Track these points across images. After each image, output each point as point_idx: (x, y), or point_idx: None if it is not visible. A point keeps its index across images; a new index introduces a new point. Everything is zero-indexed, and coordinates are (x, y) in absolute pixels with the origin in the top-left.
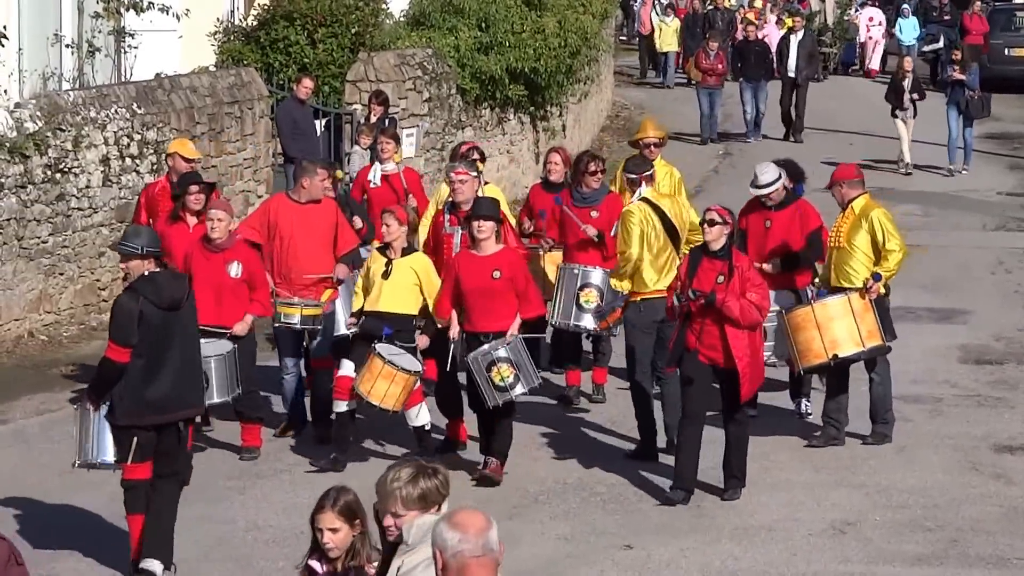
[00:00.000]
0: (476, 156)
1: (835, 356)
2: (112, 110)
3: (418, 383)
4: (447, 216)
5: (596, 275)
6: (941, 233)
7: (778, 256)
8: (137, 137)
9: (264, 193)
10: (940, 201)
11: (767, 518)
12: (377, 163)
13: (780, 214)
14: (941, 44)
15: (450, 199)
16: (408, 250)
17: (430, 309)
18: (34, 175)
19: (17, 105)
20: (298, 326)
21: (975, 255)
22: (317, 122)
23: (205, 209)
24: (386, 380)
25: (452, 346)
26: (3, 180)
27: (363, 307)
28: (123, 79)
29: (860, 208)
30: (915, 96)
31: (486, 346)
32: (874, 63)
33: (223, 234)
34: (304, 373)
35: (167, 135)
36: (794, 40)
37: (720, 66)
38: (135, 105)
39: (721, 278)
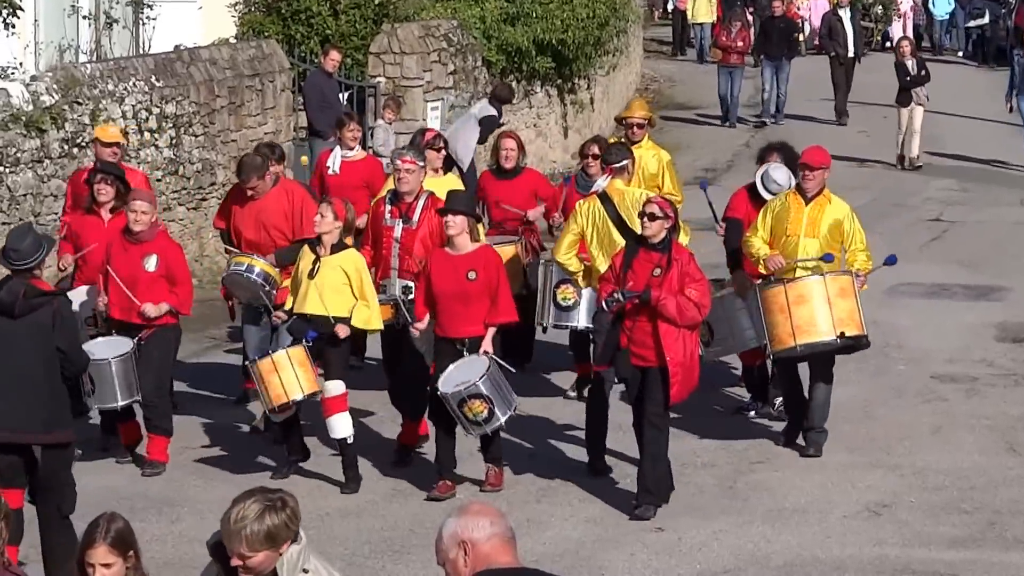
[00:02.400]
0: (440, 145)
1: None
2: (130, 83)
3: (336, 384)
4: (388, 207)
5: None
6: (978, 209)
7: None
8: (156, 111)
9: (285, 167)
10: (977, 176)
11: (800, 500)
12: (338, 148)
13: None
14: (987, 20)
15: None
16: (339, 247)
17: (355, 311)
18: (51, 149)
19: (33, 78)
20: (253, 277)
21: (1013, 231)
22: (341, 95)
23: (122, 201)
24: (285, 371)
25: (416, 345)
26: (19, 155)
27: (292, 307)
28: (141, 51)
29: (833, 198)
30: (914, 80)
31: (461, 382)
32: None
33: (145, 226)
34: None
35: (186, 108)
36: (845, 16)
37: (741, 43)
38: (154, 78)
39: (658, 271)
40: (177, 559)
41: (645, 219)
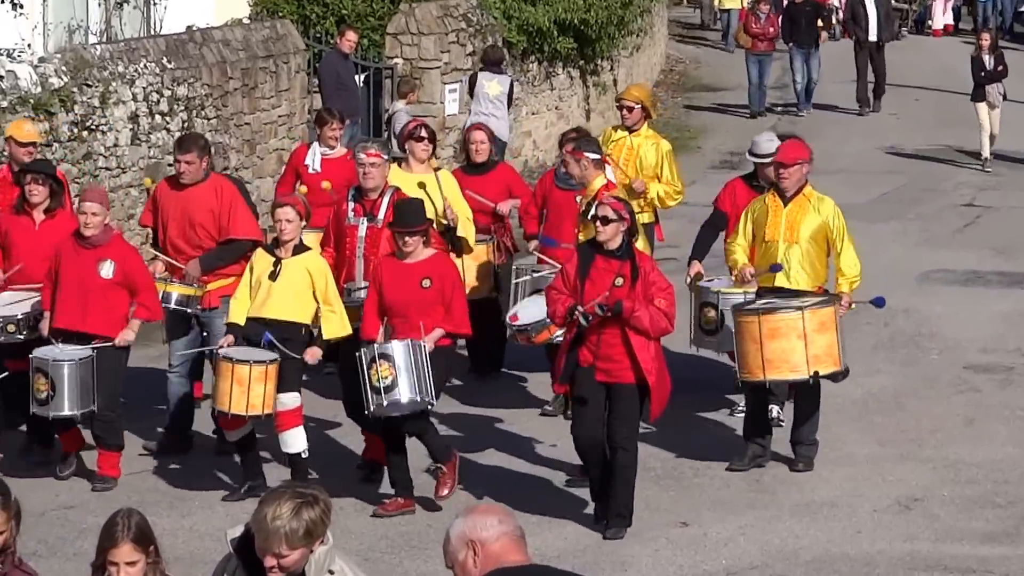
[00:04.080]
0: (424, 134)
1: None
2: (141, 64)
3: (291, 397)
4: (351, 204)
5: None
6: (1012, 193)
7: None
8: (167, 93)
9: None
10: (1012, 161)
11: (829, 494)
12: (315, 145)
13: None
14: None
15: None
16: (300, 248)
17: (323, 319)
18: (60, 133)
19: (42, 60)
20: (171, 306)
21: None
22: (357, 77)
23: (57, 202)
24: (225, 378)
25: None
26: None
27: (236, 318)
28: (152, 32)
29: (815, 196)
30: (993, 78)
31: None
32: (937, 22)
33: (97, 229)
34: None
35: (198, 91)
36: None
37: (771, 30)
38: (165, 59)
39: (620, 280)
40: (188, 554)
41: (598, 223)
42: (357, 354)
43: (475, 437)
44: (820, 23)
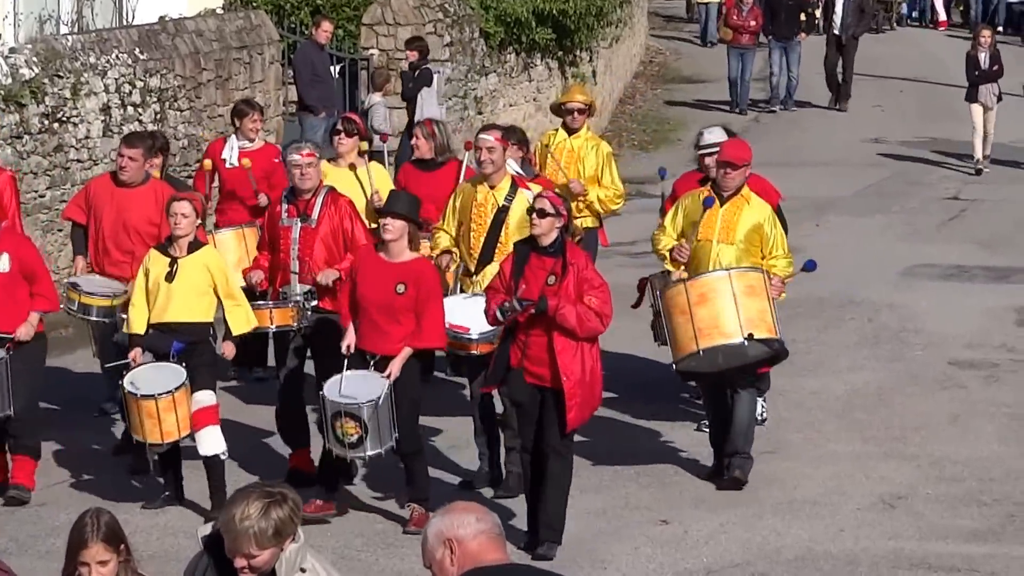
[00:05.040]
0: (341, 128)
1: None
2: (113, 55)
3: (206, 395)
4: (285, 206)
5: None
6: (998, 187)
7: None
8: (140, 84)
9: (274, 143)
10: (997, 152)
11: (812, 492)
12: (233, 138)
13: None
14: None
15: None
16: (195, 245)
17: (228, 315)
18: (30, 125)
19: (12, 50)
20: (92, 318)
21: None
22: (332, 68)
23: None
24: (135, 413)
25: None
26: None
27: (138, 328)
28: (124, 22)
29: (752, 197)
30: (987, 78)
31: (348, 383)
32: (941, 13)
33: None
34: None
35: (171, 82)
36: None
37: (753, 23)
38: (137, 50)
39: (552, 279)
40: (162, 552)
41: (534, 215)
42: (320, 393)
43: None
44: (803, 16)
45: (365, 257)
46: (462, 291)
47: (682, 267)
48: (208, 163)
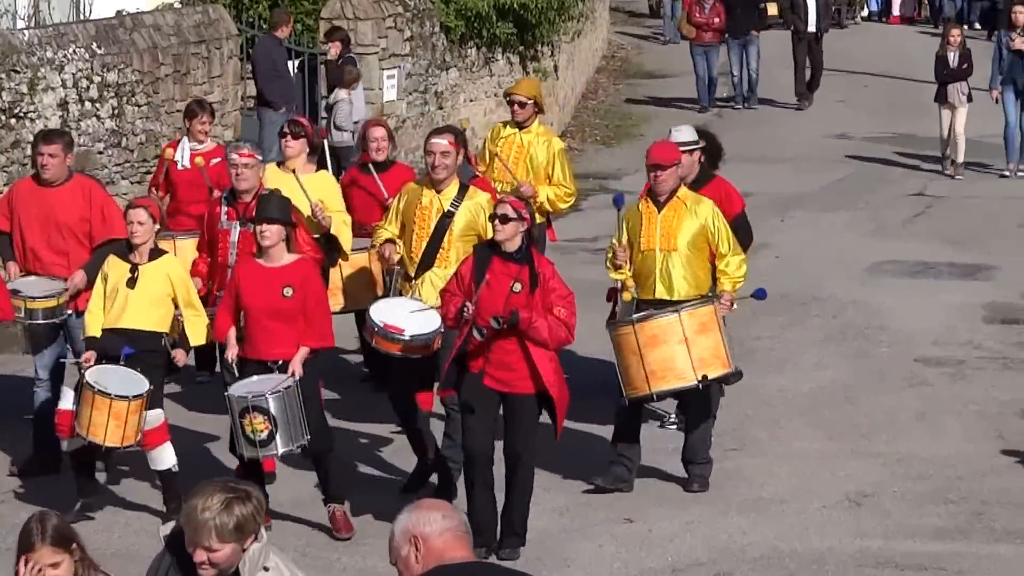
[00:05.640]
0: (287, 131)
1: (652, 395)
2: (70, 50)
3: (155, 415)
4: (224, 208)
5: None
6: (964, 183)
7: None
8: (97, 79)
9: (231, 139)
10: (965, 149)
11: (778, 489)
12: (185, 139)
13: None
14: None
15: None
16: (156, 252)
17: (187, 324)
18: None
19: None
20: (40, 321)
21: (1001, 206)
22: (290, 63)
23: None
24: (100, 411)
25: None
26: None
27: (93, 331)
28: (82, 17)
29: (691, 198)
30: (955, 77)
31: (253, 383)
32: (895, 9)
33: None
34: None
35: (129, 77)
36: None
37: (717, 20)
38: (95, 45)
39: (518, 286)
40: (124, 549)
41: (497, 221)
42: (226, 394)
43: (376, 448)
44: (764, 10)
45: (244, 267)
46: (400, 294)
47: (627, 273)
48: (170, 152)
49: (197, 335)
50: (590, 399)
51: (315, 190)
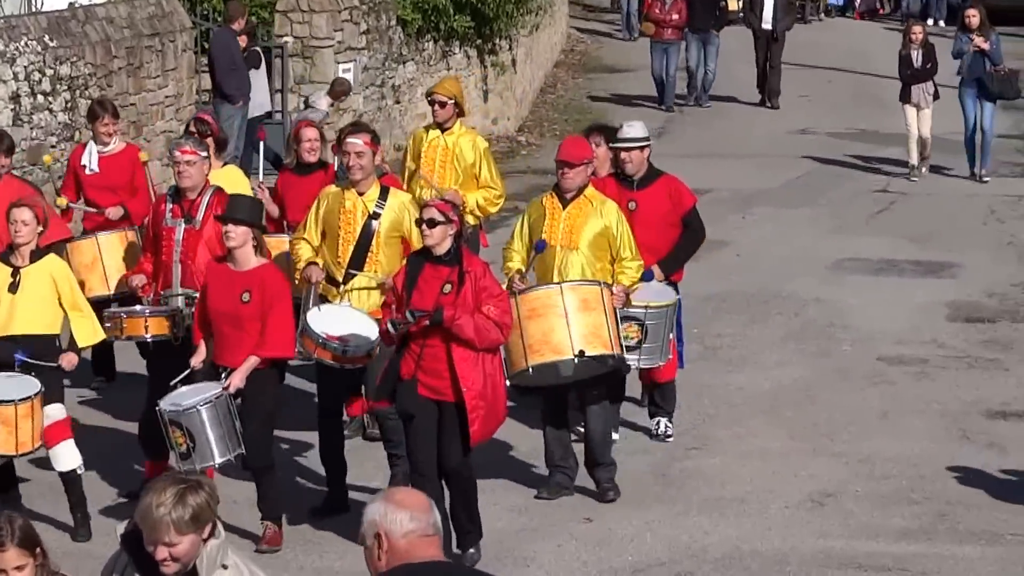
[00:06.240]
0: (193, 129)
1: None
2: (22, 43)
3: (56, 409)
4: (169, 205)
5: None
6: (928, 180)
7: (649, 245)
8: (49, 72)
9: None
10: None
11: (739, 489)
12: (92, 143)
13: (645, 193)
14: None
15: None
16: (38, 253)
17: (74, 327)
18: None
19: None
20: None
21: (965, 204)
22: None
23: None
24: (6, 425)
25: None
26: None
27: None
28: (33, 9)
29: (597, 198)
30: (920, 77)
31: (183, 393)
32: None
33: None
34: None
35: (81, 70)
36: None
37: (676, 16)
38: (47, 37)
39: (448, 287)
40: (76, 549)
41: (424, 226)
42: (155, 407)
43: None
44: (725, 7)
45: (212, 269)
46: (325, 300)
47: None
48: (62, 193)
49: (85, 336)
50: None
51: (225, 185)
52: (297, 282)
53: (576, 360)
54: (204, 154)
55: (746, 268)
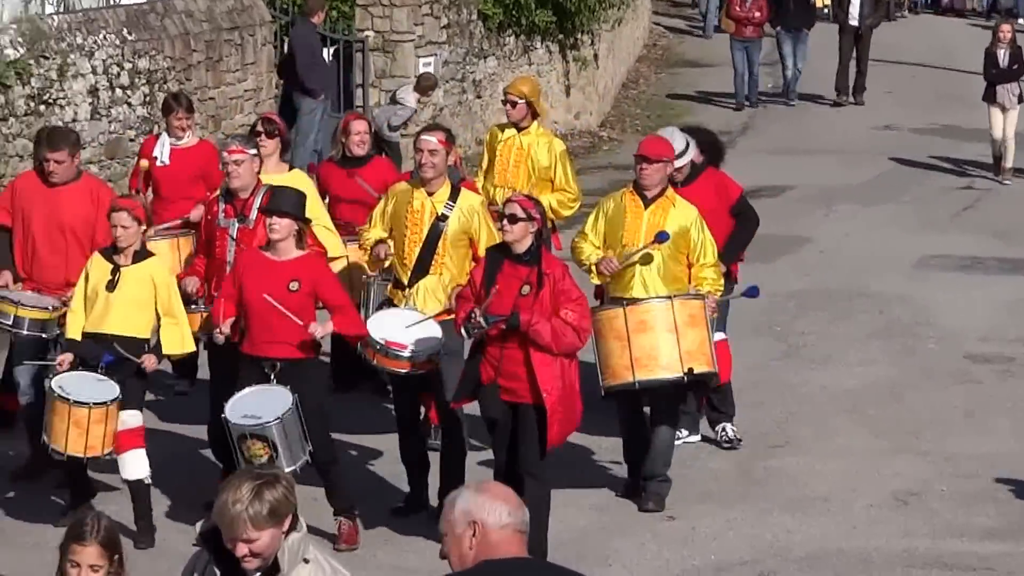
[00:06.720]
0: (261, 129)
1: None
2: (100, 36)
3: (131, 416)
4: (222, 205)
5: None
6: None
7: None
8: (128, 66)
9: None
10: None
11: (823, 488)
12: (164, 135)
13: (689, 190)
14: None
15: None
16: (142, 254)
17: (163, 333)
18: (16, 107)
19: None
20: (24, 332)
21: None
22: (326, 50)
23: None
24: (60, 417)
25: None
26: None
27: (74, 334)
28: (112, 2)
29: (678, 201)
30: (1005, 78)
31: (249, 403)
32: None
33: None
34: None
35: (160, 64)
36: None
37: (758, 14)
38: (125, 31)
39: (527, 289)
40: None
41: (504, 221)
42: (223, 417)
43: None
44: (813, 4)
45: (250, 258)
46: (392, 304)
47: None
48: (144, 163)
49: (172, 345)
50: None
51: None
52: (366, 264)
53: (685, 378)
54: (253, 152)
55: (829, 265)
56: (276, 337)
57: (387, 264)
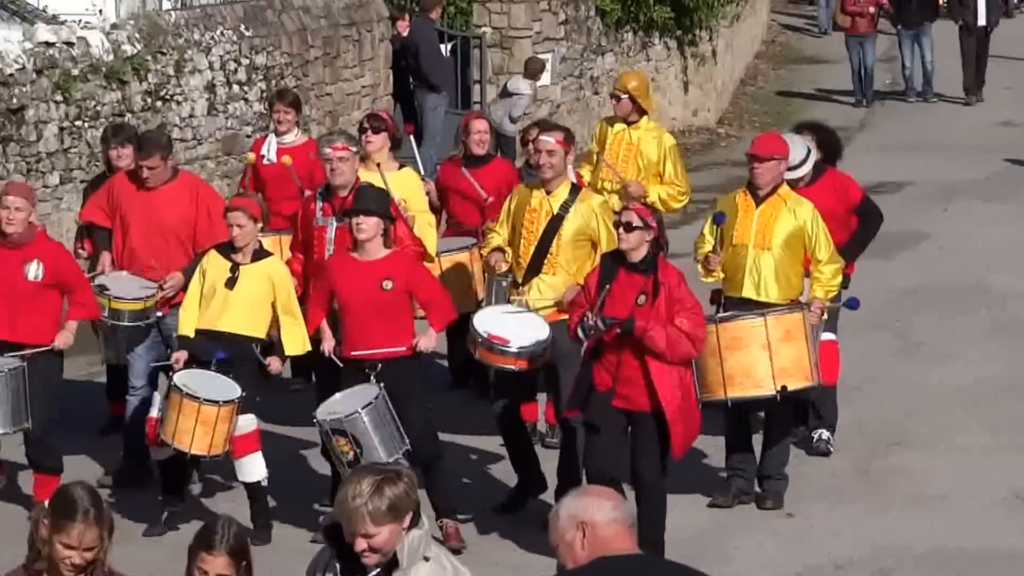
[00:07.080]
0: (368, 125)
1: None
2: (217, 32)
3: (246, 420)
4: (319, 204)
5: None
6: None
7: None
8: (245, 62)
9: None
10: None
11: (941, 486)
12: (272, 135)
13: (808, 191)
14: None
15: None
16: (261, 253)
17: (284, 332)
18: (133, 103)
19: (114, 26)
20: (124, 323)
21: None
22: (443, 46)
23: None
24: (188, 416)
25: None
26: (99, 108)
27: (187, 331)
28: None
29: (792, 198)
30: None
31: (337, 401)
32: None
33: (20, 226)
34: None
35: (277, 59)
36: None
37: (871, 9)
38: (243, 27)
39: (643, 298)
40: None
41: (621, 230)
42: (313, 416)
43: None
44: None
45: (339, 261)
46: (508, 301)
47: (719, 277)
48: (251, 156)
49: (293, 344)
50: None
51: (399, 188)
52: (484, 270)
53: (778, 396)
54: (355, 149)
55: (948, 261)
56: (373, 337)
57: (501, 271)
